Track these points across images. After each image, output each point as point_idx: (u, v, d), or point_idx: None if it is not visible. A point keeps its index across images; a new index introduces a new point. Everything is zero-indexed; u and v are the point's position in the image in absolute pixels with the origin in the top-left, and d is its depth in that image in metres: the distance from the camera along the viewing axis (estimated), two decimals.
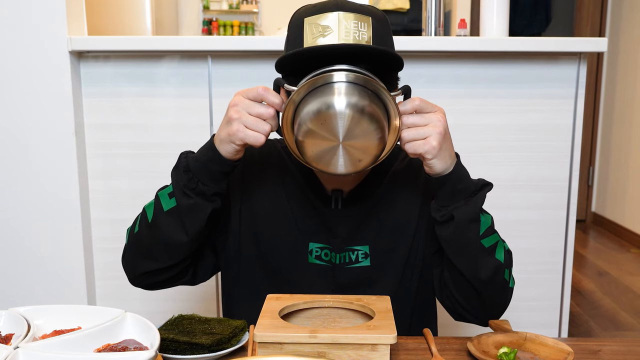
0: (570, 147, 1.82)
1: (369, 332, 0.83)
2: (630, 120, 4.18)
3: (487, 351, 0.90)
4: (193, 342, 0.89)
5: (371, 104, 0.85)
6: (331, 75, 0.85)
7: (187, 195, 0.97)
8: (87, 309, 0.92)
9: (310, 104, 0.85)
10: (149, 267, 1.05)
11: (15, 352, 0.75)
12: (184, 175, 0.97)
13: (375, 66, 0.92)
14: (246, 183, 1.11)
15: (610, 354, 0.93)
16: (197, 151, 1.00)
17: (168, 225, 0.99)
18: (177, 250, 1.03)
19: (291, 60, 0.93)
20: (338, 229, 1.08)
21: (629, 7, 4.23)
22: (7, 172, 1.77)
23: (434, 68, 1.79)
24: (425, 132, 0.90)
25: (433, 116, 0.90)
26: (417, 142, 0.90)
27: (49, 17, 1.70)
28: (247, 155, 1.10)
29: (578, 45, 1.73)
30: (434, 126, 0.90)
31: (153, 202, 1.02)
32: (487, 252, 0.99)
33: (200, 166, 0.97)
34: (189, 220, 0.99)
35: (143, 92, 1.80)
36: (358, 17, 0.94)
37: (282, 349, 0.82)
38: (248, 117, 0.89)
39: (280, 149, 1.16)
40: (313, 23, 0.94)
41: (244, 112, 0.90)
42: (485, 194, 1.00)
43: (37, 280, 1.82)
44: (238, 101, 0.90)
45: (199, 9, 5.53)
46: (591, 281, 3.28)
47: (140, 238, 1.04)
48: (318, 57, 0.90)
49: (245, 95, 0.90)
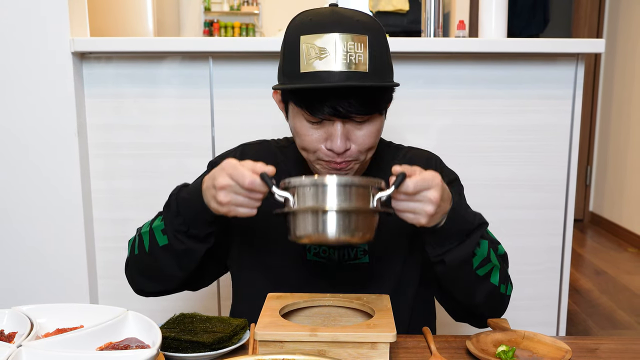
0: (568, 147, 1.83)
1: (368, 330, 0.84)
2: (627, 121, 4.20)
3: (485, 349, 0.91)
4: (194, 341, 0.90)
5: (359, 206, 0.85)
6: (323, 183, 0.84)
7: (179, 240, 0.98)
8: (90, 308, 0.94)
9: (303, 217, 0.85)
10: (150, 288, 1.09)
11: (19, 350, 0.76)
12: (175, 219, 0.98)
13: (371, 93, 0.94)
14: None
15: (608, 352, 0.94)
16: (188, 191, 0.98)
17: (163, 259, 1.02)
18: (175, 279, 1.07)
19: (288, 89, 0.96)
20: None
21: (626, 9, 4.25)
22: (10, 172, 1.78)
23: (433, 69, 1.80)
24: (416, 208, 0.89)
25: (426, 195, 0.88)
26: (407, 215, 0.89)
27: (51, 19, 1.71)
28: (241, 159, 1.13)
29: (576, 46, 1.74)
30: (425, 205, 0.88)
31: (148, 231, 1.03)
32: (482, 280, 1.00)
33: (191, 214, 0.97)
34: (183, 260, 1.02)
35: (145, 93, 1.81)
36: (354, 38, 0.94)
37: (282, 347, 0.83)
38: (237, 198, 0.88)
39: (276, 149, 1.17)
40: (310, 44, 0.94)
41: (233, 196, 0.88)
42: (479, 236, 0.99)
43: (40, 279, 1.83)
44: (226, 184, 0.87)
45: (200, 10, 5.53)
46: (589, 280, 3.29)
47: (139, 260, 1.06)
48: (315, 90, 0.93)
49: (233, 178, 0.87)
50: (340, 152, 0.97)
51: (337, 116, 0.95)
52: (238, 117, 1.81)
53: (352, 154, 0.99)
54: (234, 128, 1.82)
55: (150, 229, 1.03)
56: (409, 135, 1.81)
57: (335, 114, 0.94)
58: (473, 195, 1.26)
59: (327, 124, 0.97)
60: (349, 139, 0.98)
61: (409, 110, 1.81)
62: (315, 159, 1.02)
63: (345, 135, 0.97)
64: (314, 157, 1.01)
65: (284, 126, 1.82)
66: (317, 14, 0.97)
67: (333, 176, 0.84)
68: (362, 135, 0.99)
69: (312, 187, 0.84)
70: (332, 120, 0.96)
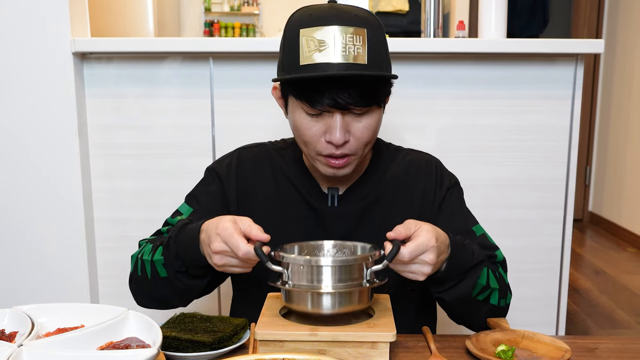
0: (567, 147, 1.83)
1: (368, 330, 0.84)
2: (626, 121, 4.20)
3: (485, 349, 0.91)
4: (195, 340, 0.90)
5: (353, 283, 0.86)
6: (318, 264, 0.86)
7: (179, 279, 0.99)
8: (90, 307, 0.94)
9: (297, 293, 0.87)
10: (152, 306, 1.10)
11: (19, 349, 0.76)
12: (175, 261, 0.98)
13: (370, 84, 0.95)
14: (241, 199, 1.13)
15: (607, 351, 0.94)
16: (187, 236, 0.97)
17: (164, 290, 1.03)
18: (177, 305, 1.08)
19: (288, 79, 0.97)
20: (335, 228, 1.09)
21: (625, 9, 4.25)
22: (10, 172, 1.79)
23: (433, 69, 1.80)
24: (413, 270, 0.90)
25: (422, 259, 0.88)
26: (407, 274, 0.90)
27: (52, 19, 1.71)
28: (239, 169, 1.13)
29: (575, 46, 1.74)
30: (421, 267, 0.89)
31: (149, 262, 1.02)
32: (481, 304, 1.02)
33: (189, 260, 0.96)
34: (184, 294, 1.03)
35: (145, 93, 1.81)
36: (353, 31, 0.95)
37: (282, 346, 0.83)
38: (231, 261, 0.89)
39: (273, 150, 1.17)
40: (309, 36, 0.95)
41: (228, 260, 0.89)
42: (479, 271, 1.00)
43: (41, 279, 1.83)
44: (221, 250, 0.88)
45: (201, 10, 5.54)
46: (588, 280, 3.30)
47: (142, 283, 1.06)
48: (314, 81, 0.94)
49: (227, 245, 0.87)
50: (339, 144, 0.98)
51: (337, 107, 0.96)
52: (238, 117, 1.81)
53: (350, 147, 1.00)
54: (234, 128, 1.82)
55: (152, 261, 1.02)
56: (408, 135, 1.81)
57: (334, 105, 0.95)
58: (473, 195, 1.27)
59: (326, 117, 0.98)
60: (348, 131, 0.98)
61: (409, 111, 1.81)
62: (315, 153, 1.02)
63: (344, 128, 0.98)
64: (314, 151, 1.02)
65: (284, 126, 1.82)
66: (316, 9, 0.98)
67: (328, 258, 0.87)
68: (360, 128, 0.99)
69: (306, 267, 0.86)
70: (331, 112, 0.97)
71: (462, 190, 1.18)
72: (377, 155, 1.15)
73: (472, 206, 1.19)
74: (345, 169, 1.03)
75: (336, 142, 0.97)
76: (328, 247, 0.98)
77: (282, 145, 1.19)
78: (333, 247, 0.98)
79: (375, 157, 1.15)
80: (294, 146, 1.16)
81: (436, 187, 1.13)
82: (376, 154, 1.15)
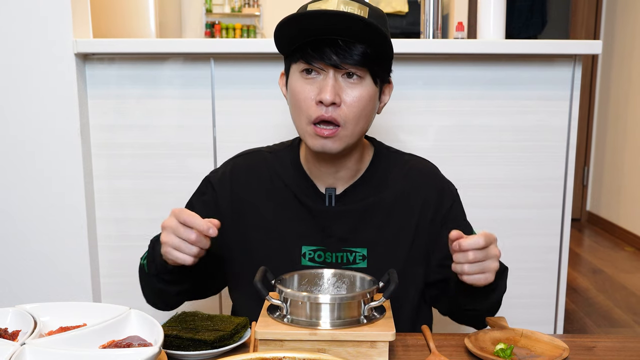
0: (565, 147, 1.84)
1: (368, 329, 0.85)
2: (624, 121, 4.22)
3: (484, 347, 0.92)
4: (196, 339, 0.90)
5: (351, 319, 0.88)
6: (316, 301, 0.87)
7: (153, 282, 1.06)
8: (92, 306, 0.94)
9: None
10: (158, 306, 1.15)
11: (22, 348, 0.76)
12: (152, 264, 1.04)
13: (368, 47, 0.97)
14: (236, 206, 1.13)
15: (605, 350, 0.95)
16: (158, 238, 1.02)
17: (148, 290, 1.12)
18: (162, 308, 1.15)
19: (286, 30, 0.98)
20: (332, 228, 1.09)
21: (623, 10, 4.27)
22: (13, 172, 1.79)
23: (432, 70, 1.81)
24: (484, 267, 0.91)
25: (491, 251, 0.91)
26: (478, 276, 0.92)
27: (55, 20, 1.72)
28: (233, 178, 1.14)
29: (573, 47, 1.75)
30: (493, 262, 0.92)
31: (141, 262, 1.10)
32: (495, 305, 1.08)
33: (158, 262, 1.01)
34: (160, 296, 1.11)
35: (147, 94, 1.82)
36: (357, 6, 0.97)
37: (282, 345, 0.84)
38: (174, 239, 0.91)
39: (268, 155, 1.17)
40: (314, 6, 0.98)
41: (172, 235, 0.92)
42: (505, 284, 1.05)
43: (43, 278, 1.84)
44: (167, 224, 0.92)
45: (202, 12, 5.54)
46: (586, 279, 3.31)
47: (146, 284, 1.12)
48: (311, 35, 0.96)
49: (176, 217, 0.91)
50: (328, 102, 0.98)
51: (330, 63, 0.97)
52: (239, 118, 1.82)
53: (340, 113, 1.00)
54: (235, 128, 1.83)
55: (141, 263, 1.10)
56: (408, 135, 1.83)
57: (328, 60, 0.96)
58: (472, 196, 1.27)
59: (320, 79, 0.99)
60: (339, 96, 0.99)
61: (408, 111, 1.82)
62: (306, 122, 1.02)
63: (335, 88, 0.98)
64: (306, 118, 1.02)
65: (284, 126, 1.84)
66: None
67: (326, 295, 0.87)
68: (352, 96, 1.00)
69: (306, 302, 0.87)
70: (325, 72, 0.98)
71: (460, 199, 1.19)
72: (377, 157, 1.15)
73: (471, 206, 1.20)
74: (335, 143, 1.02)
75: (326, 100, 0.98)
76: (328, 276, 0.99)
77: (279, 147, 1.19)
78: (333, 276, 0.98)
79: (375, 159, 1.14)
80: (291, 147, 1.16)
81: (439, 198, 1.13)
82: (376, 156, 1.15)
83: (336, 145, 1.02)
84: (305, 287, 0.97)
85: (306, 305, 0.87)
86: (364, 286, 0.95)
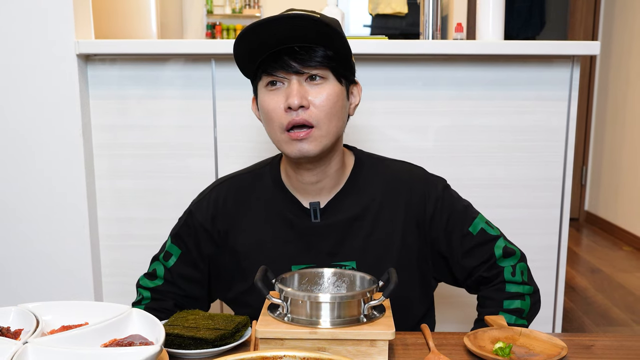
0: (563, 147, 1.85)
1: (368, 328, 0.85)
2: (622, 121, 4.24)
3: (483, 346, 0.92)
4: (197, 337, 0.90)
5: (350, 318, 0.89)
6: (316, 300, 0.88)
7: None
8: (94, 305, 0.94)
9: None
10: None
11: (24, 347, 0.76)
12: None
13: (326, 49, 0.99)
14: (223, 235, 1.13)
15: (603, 348, 0.95)
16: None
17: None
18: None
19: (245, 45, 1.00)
20: (320, 245, 1.09)
21: (621, 11, 4.28)
22: (15, 172, 1.80)
23: (432, 71, 1.82)
24: None
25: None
26: None
27: (57, 21, 1.73)
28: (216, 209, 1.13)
29: (571, 48, 1.75)
30: None
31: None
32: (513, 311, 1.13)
33: None
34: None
35: (148, 94, 1.83)
36: (307, 14, 0.98)
37: (283, 344, 0.84)
38: None
39: (246, 176, 1.17)
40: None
41: None
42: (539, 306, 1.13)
43: (46, 277, 1.84)
44: None
45: (203, 13, 5.55)
46: (584, 278, 3.32)
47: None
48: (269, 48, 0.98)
49: None
50: (296, 105, 0.99)
51: (292, 70, 0.99)
52: (240, 118, 1.83)
53: (311, 114, 1.01)
54: (235, 129, 1.84)
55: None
56: (407, 136, 1.83)
57: (288, 67, 0.99)
58: (470, 195, 1.28)
59: (285, 87, 1.01)
60: (306, 98, 1.00)
61: (408, 111, 1.83)
62: (280, 131, 1.03)
63: (300, 92, 1.00)
64: (279, 127, 1.03)
65: None
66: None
67: (326, 294, 0.88)
68: (319, 96, 1.01)
69: (306, 301, 0.88)
70: (288, 79, 1.00)
71: (452, 191, 1.17)
72: (358, 165, 1.14)
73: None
74: (311, 144, 1.02)
75: (293, 104, 0.99)
76: (328, 275, 0.99)
77: (257, 167, 1.19)
78: (333, 275, 0.99)
79: (357, 167, 1.14)
80: (271, 165, 1.16)
81: (421, 199, 1.12)
82: (357, 164, 1.14)
83: (312, 147, 1.02)
84: (306, 286, 0.98)
85: (306, 304, 0.87)
86: (364, 285, 0.96)
